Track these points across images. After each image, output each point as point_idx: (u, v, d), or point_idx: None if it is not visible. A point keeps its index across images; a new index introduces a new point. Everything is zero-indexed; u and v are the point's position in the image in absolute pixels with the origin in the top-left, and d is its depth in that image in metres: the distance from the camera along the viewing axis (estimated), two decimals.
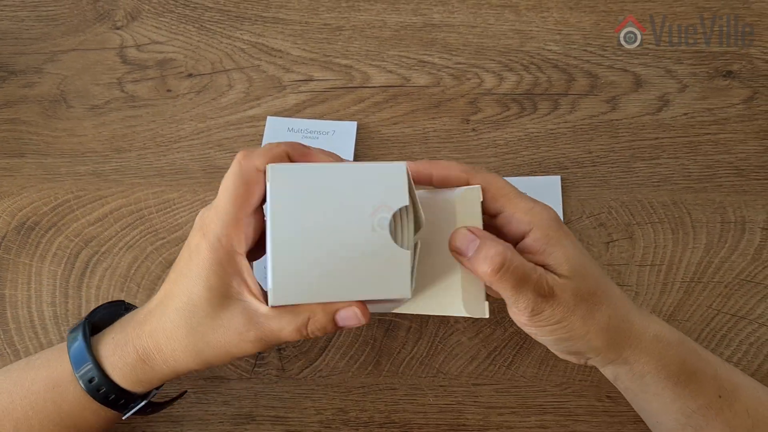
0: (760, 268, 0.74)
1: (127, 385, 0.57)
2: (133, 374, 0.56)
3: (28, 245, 0.76)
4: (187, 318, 0.54)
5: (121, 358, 0.56)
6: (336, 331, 0.56)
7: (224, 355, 0.54)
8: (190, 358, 0.55)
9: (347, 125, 0.79)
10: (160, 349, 0.55)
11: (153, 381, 0.57)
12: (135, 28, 0.85)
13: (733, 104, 0.80)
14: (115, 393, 0.56)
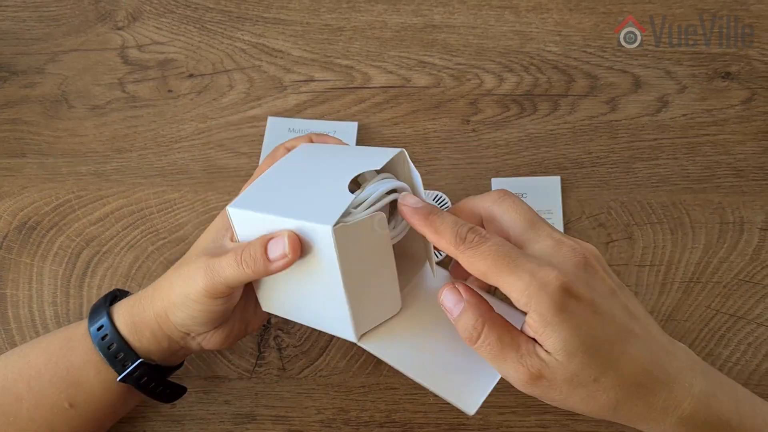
0: (758, 268, 0.74)
1: (127, 332, 0.59)
2: (129, 315, 0.60)
3: (30, 245, 0.76)
4: (174, 268, 0.60)
5: (126, 306, 0.61)
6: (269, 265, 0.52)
7: (184, 298, 0.56)
8: (163, 299, 0.58)
9: (348, 125, 0.80)
10: (152, 291, 0.60)
11: (144, 329, 0.60)
12: (136, 29, 0.86)
13: (732, 105, 0.81)
14: (117, 342, 0.59)
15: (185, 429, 0.69)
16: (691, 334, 0.72)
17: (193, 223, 0.76)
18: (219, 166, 0.79)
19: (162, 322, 0.59)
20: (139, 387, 0.61)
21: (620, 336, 0.48)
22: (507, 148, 0.79)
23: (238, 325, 0.62)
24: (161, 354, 0.61)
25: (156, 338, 0.60)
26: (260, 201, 0.54)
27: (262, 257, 0.53)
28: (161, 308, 0.59)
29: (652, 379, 0.48)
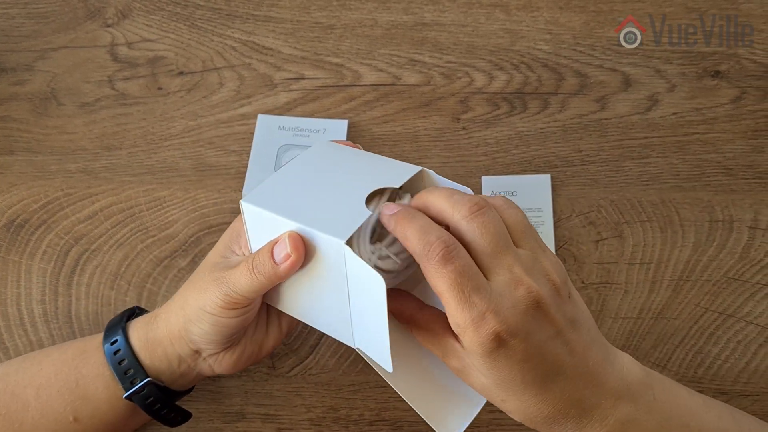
0: (747, 266, 0.74)
1: (140, 348, 0.60)
2: (144, 332, 0.60)
3: (18, 243, 0.76)
4: (186, 285, 0.60)
5: (141, 323, 0.61)
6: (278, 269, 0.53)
7: (200, 312, 0.57)
8: (178, 317, 0.59)
9: (338, 123, 0.79)
10: (166, 309, 0.60)
11: (156, 347, 0.60)
12: (126, 26, 0.85)
13: (722, 104, 0.81)
14: (128, 359, 0.59)
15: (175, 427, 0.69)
16: (680, 332, 0.72)
17: (183, 221, 0.76)
18: (209, 164, 0.79)
19: (174, 340, 0.59)
20: (144, 407, 0.61)
21: (546, 377, 0.48)
22: (497, 147, 0.79)
23: (250, 347, 0.62)
24: (171, 375, 0.61)
25: (167, 357, 0.60)
26: (274, 199, 0.54)
27: (270, 262, 0.53)
28: (175, 325, 0.59)
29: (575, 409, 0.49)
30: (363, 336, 0.55)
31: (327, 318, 0.57)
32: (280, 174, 0.56)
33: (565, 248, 0.75)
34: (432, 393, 0.56)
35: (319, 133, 0.78)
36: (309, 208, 0.53)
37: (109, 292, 0.73)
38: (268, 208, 0.53)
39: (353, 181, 0.54)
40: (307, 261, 0.53)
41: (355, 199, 0.52)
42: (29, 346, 0.71)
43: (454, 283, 0.46)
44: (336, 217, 0.51)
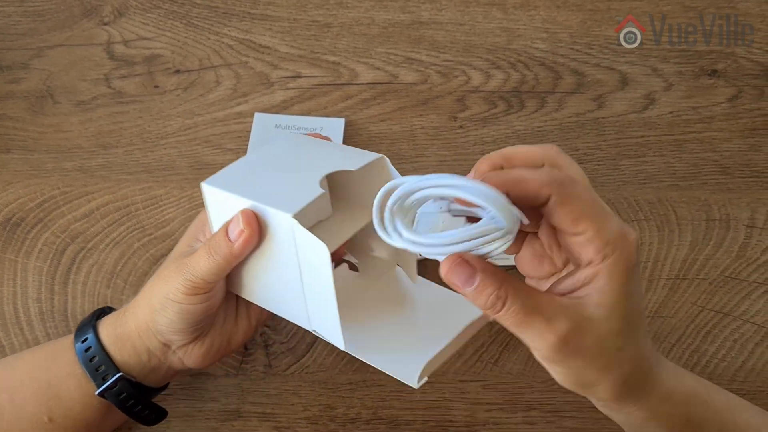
0: (744, 265, 0.74)
1: (110, 344, 0.60)
2: (113, 327, 0.60)
3: (14, 241, 0.75)
4: (152, 278, 0.61)
5: (110, 319, 0.62)
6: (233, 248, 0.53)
7: (164, 301, 0.57)
8: (145, 309, 0.59)
9: (335, 122, 0.79)
10: (134, 303, 0.61)
11: (125, 342, 0.60)
12: (122, 24, 0.85)
13: (718, 103, 0.81)
14: (99, 355, 0.59)
15: (171, 426, 0.69)
16: (677, 331, 0.72)
17: (179, 219, 0.76)
18: (205, 162, 0.79)
19: (142, 333, 0.59)
20: (118, 404, 0.61)
21: (643, 312, 0.50)
22: (494, 145, 0.79)
23: (219, 339, 0.62)
24: (141, 369, 0.61)
25: (137, 351, 0.60)
26: (233, 181, 0.55)
27: (225, 240, 0.53)
28: (142, 318, 0.59)
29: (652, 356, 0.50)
30: (317, 316, 0.56)
31: (285, 301, 0.58)
32: (243, 160, 0.58)
33: None
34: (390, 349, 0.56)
35: (316, 132, 0.78)
36: (264, 188, 0.54)
37: (106, 291, 0.73)
38: (225, 189, 0.54)
39: (311, 165, 0.55)
40: (263, 240, 0.54)
41: (310, 179, 0.53)
42: (25, 345, 0.71)
43: (591, 199, 0.45)
44: (288, 195, 0.52)
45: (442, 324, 0.57)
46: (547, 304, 0.46)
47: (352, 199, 0.60)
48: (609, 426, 0.69)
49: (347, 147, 0.61)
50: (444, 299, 0.61)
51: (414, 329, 0.58)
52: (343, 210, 0.59)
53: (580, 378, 0.48)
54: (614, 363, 0.47)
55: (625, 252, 0.45)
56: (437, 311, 0.59)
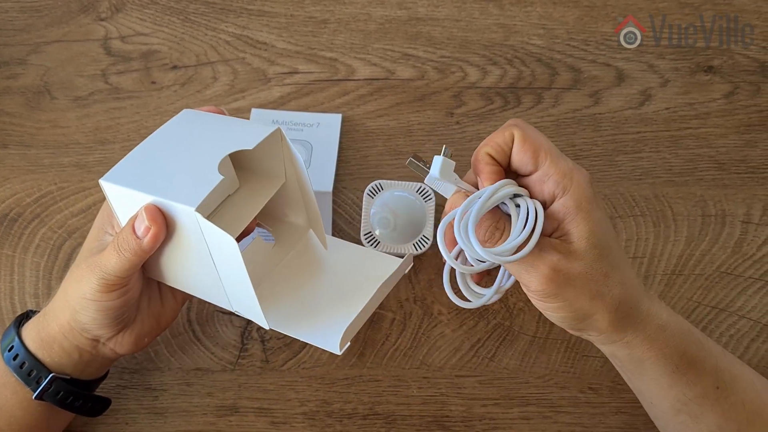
0: (740, 260, 0.74)
1: (36, 348, 0.60)
2: (36, 332, 0.60)
3: (11, 236, 0.76)
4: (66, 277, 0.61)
5: (33, 324, 0.62)
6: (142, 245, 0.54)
7: (82, 301, 0.57)
8: (65, 310, 0.59)
9: (332, 117, 0.79)
10: (52, 305, 0.61)
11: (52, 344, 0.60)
12: (119, 20, 0.85)
13: (714, 99, 0.81)
14: (28, 360, 0.59)
15: (168, 421, 0.69)
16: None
17: None
18: None
19: (67, 333, 0.59)
20: (58, 402, 0.61)
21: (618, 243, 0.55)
22: None
23: (148, 322, 0.62)
24: (75, 367, 0.61)
25: (65, 351, 0.60)
26: (131, 175, 0.55)
27: (133, 237, 0.53)
28: (63, 319, 0.59)
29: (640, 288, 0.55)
30: (237, 298, 0.57)
31: (204, 286, 0.58)
32: (139, 148, 0.57)
33: None
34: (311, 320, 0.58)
35: (313, 127, 0.78)
36: (164, 179, 0.54)
37: None
38: (125, 184, 0.54)
39: (207, 148, 0.55)
40: (172, 231, 0.54)
41: (208, 165, 0.53)
42: None
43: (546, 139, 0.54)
44: (188, 185, 0.52)
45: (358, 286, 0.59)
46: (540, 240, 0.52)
47: (257, 170, 0.60)
48: (604, 422, 0.70)
49: (243, 121, 0.60)
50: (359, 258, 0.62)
51: (332, 295, 0.59)
52: (250, 181, 0.60)
53: (576, 310, 0.53)
54: (604, 287, 0.52)
55: (583, 183, 0.52)
56: (353, 272, 0.61)
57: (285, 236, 0.64)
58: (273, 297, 0.59)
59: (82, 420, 0.69)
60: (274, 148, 0.57)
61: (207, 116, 0.60)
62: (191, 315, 0.73)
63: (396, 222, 0.73)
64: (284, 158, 0.58)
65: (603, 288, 0.52)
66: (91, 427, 0.69)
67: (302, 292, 0.60)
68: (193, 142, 0.57)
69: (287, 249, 0.63)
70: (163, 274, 0.60)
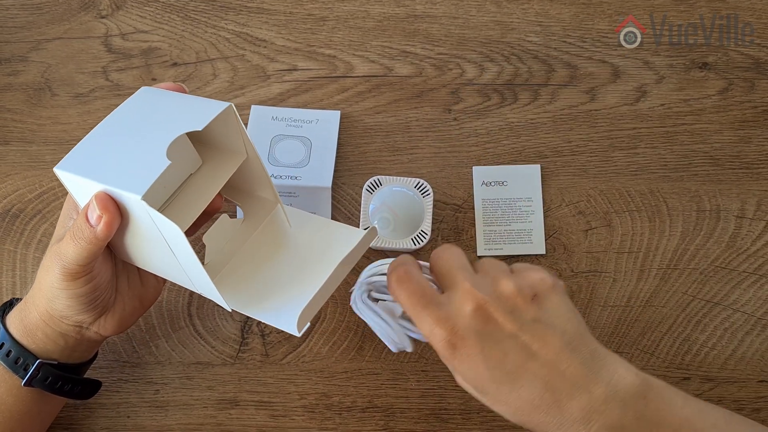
0: (734, 255, 0.75)
1: (20, 336, 0.60)
2: (20, 320, 0.60)
3: (13, 232, 0.76)
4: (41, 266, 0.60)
5: (15, 312, 0.61)
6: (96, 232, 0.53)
7: (52, 290, 0.57)
8: (41, 299, 0.59)
9: (331, 114, 0.80)
10: (32, 293, 0.60)
11: (35, 331, 0.60)
12: (120, 17, 0.86)
13: (709, 95, 0.82)
14: (14, 348, 0.60)
15: (168, 415, 0.70)
16: (668, 320, 0.73)
17: None
18: None
19: (48, 320, 0.59)
20: (47, 388, 0.61)
21: (509, 377, 0.50)
22: (488, 137, 0.80)
23: (131, 303, 0.62)
24: (61, 352, 0.61)
25: (49, 338, 0.60)
26: (84, 162, 0.54)
27: (87, 226, 0.53)
28: (42, 308, 0.59)
29: (554, 406, 0.49)
30: (197, 281, 0.57)
31: (168, 268, 0.58)
32: (94, 132, 0.56)
33: (555, 237, 0.76)
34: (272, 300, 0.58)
35: (312, 124, 0.79)
36: (113, 166, 0.53)
37: None
38: (76, 172, 0.54)
39: (159, 130, 0.54)
40: (127, 218, 0.54)
41: (157, 149, 0.52)
42: None
43: (408, 302, 0.53)
44: (136, 172, 0.52)
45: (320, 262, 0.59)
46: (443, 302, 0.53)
47: (219, 146, 0.60)
48: None
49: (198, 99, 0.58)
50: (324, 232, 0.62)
51: (293, 273, 0.59)
52: (213, 158, 0.60)
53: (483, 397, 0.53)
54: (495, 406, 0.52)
55: (438, 348, 0.51)
56: (316, 248, 0.61)
57: (254, 211, 0.64)
58: (235, 276, 0.59)
59: (83, 413, 0.69)
60: (230, 125, 0.57)
61: (163, 94, 0.59)
62: (192, 309, 0.73)
63: (394, 217, 0.74)
64: (242, 135, 0.58)
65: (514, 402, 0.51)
66: (93, 420, 0.70)
67: (264, 270, 0.60)
68: (146, 124, 0.56)
69: (256, 224, 0.63)
70: (131, 257, 0.60)
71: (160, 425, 0.70)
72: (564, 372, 0.49)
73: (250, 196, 0.64)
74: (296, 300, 0.56)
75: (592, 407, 0.49)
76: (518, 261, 0.75)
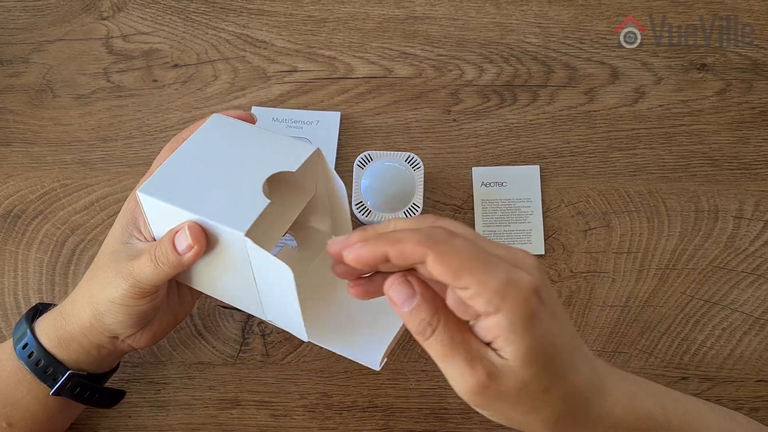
0: (732, 255, 0.75)
1: (52, 347, 0.60)
2: (53, 330, 0.60)
3: (15, 233, 0.76)
4: (88, 277, 0.60)
5: (47, 321, 0.61)
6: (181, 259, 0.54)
7: (110, 305, 0.57)
8: (86, 310, 0.58)
9: (331, 115, 0.80)
10: (71, 304, 0.60)
11: (70, 342, 0.60)
12: (121, 19, 0.86)
13: (707, 96, 0.82)
14: (44, 358, 0.59)
15: (170, 414, 0.70)
16: (666, 320, 0.73)
17: None
18: None
19: (87, 332, 0.59)
20: (75, 397, 0.61)
21: (572, 345, 0.46)
22: (487, 138, 0.81)
23: (166, 318, 0.63)
24: (91, 363, 0.62)
25: (84, 349, 0.60)
26: (171, 188, 0.54)
27: (173, 252, 0.54)
28: (86, 319, 0.59)
29: (591, 389, 0.47)
30: (274, 311, 0.57)
31: (237, 295, 0.59)
32: (175, 157, 0.56)
33: (554, 238, 0.76)
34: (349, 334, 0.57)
35: (312, 125, 0.79)
36: (206, 197, 0.53)
37: None
38: (166, 199, 0.53)
39: (249, 164, 0.55)
40: (210, 247, 0.54)
41: (253, 184, 0.53)
42: None
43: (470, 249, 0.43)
44: (234, 206, 0.52)
45: None
46: (472, 345, 0.44)
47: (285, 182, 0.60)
48: None
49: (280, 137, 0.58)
50: None
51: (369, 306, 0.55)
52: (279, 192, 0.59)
53: (507, 419, 0.47)
54: (541, 403, 0.45)
55: (519, 299, 0.43)
56: None
57: (309, 242, 0.64)
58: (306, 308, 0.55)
59: (85, 413, 0.69)
60: (310, 165, 0.57)
61: (240, 126, 0.59)
62: (193, 310, 0.73)
63: (386, 191, 0.74)
64: (318, 174, 0.58)
65: (540, 404, 0.45)
66: (95, 420, 0.70)
67: (337, 302, 0.59)
68: (233, 157, 0.56)
69: (312, 255, 0.63)
70: (194, 282, 0.60)
71: (162, 425, 0.70)
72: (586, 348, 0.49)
73: (303, 227, 0.64)
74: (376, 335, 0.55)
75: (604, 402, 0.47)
76: None
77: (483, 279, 0.42)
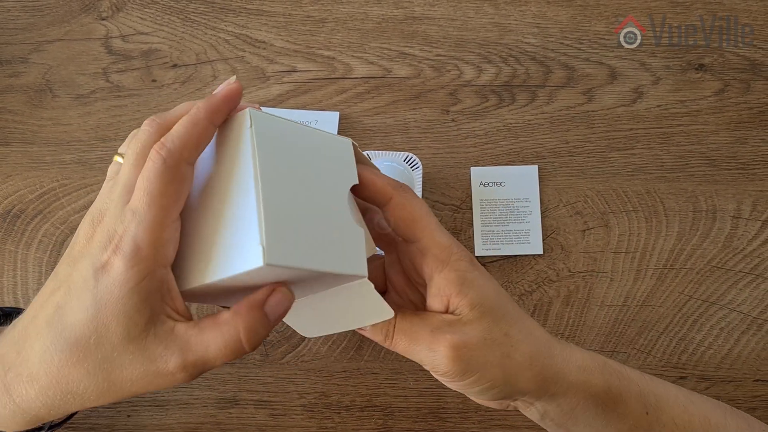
0: (730, 255, 0.76)
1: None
2: None
3: (14, 232, 0.77)
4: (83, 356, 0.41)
5: None
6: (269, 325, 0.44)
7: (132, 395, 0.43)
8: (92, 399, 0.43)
9: (330, 115, 0.81)
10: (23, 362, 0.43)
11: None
12: (120, 19, 0.86)
13: (705, 96, 0.82)
14: None
15: (169, 414, 0.70)
16: (664, 320, 0.73)
17: None
18: None
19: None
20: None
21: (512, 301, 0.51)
22: (486, 138, 0.81)
23: None
24: None
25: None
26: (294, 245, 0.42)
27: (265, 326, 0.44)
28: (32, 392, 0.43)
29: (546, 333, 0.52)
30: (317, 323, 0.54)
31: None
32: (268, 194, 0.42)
33: (553, 237, 0.76)
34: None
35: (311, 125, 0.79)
36: (316, 240, 0.44)
37: None
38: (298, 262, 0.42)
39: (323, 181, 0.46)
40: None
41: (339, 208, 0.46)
42: None
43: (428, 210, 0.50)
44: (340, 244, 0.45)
45: None
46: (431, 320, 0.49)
47: None
48: None
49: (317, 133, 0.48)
50: None
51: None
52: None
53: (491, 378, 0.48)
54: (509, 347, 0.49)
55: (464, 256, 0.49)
56: None
57: None
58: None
59: (85, 414, 0.70)
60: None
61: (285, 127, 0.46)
62: (191, 308, 0.74)
63: None
64: None
65: (508, 348, 0.49)
66: (93, 420, 0.70)
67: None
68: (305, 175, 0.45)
69: None
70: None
71: (160, 424, 0.70)
72: None
73: None
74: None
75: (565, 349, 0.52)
76: (517, 261, 0.76)
77: (434, 235, 0.49)
